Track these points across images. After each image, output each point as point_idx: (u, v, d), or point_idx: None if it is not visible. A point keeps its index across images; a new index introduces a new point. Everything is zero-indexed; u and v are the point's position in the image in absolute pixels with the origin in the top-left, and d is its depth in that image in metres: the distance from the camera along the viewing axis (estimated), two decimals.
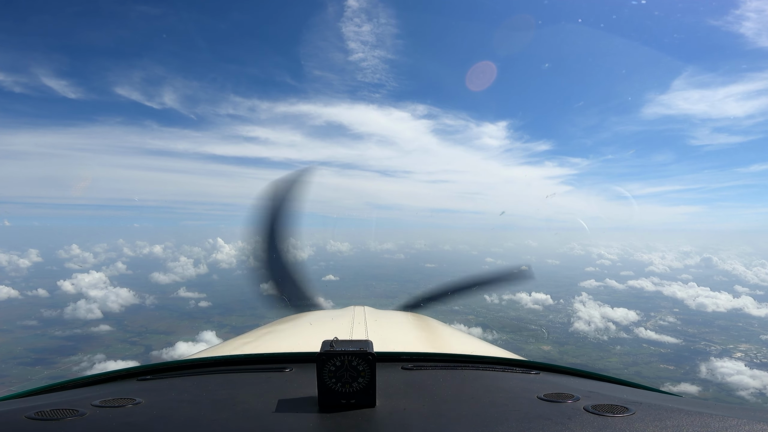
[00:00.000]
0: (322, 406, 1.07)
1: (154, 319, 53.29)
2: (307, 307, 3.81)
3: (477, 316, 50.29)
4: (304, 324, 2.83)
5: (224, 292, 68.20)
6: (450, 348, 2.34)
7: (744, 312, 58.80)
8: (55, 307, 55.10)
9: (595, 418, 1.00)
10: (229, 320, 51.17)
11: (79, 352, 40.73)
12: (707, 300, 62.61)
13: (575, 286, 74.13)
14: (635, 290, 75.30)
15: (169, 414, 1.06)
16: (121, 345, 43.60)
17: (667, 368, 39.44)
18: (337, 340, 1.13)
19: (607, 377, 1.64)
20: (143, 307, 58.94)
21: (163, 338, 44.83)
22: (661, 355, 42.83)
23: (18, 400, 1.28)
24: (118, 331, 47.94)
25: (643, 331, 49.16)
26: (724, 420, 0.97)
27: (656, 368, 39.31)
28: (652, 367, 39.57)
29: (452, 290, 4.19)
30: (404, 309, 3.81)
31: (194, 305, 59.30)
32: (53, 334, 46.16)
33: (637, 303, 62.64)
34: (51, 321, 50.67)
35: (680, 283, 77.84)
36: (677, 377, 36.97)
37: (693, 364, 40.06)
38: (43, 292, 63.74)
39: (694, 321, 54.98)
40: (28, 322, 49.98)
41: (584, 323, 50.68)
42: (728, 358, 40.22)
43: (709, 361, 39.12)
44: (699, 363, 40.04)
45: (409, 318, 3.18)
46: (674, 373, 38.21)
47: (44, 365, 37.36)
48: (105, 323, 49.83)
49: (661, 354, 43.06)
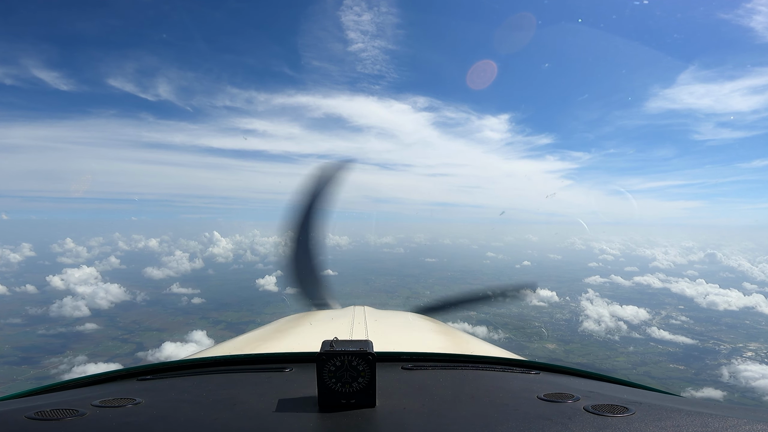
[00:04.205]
0: (322, 406, 1.10)
1: (145, 315, 53.15)
2: (321, 307, 3.86)
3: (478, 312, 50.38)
4: (304, 324, 2.86)
5: (220, 287, 68.31)
6: (450, 348, 2.37)
7: (756, 310, 58.81)
8: (42, 303, 54.98)
9: (595, 418, 1.02)
10: (225, 316, 51.13)
11: (68, 350, 40.64)
12: (717, 298, 62.69)
13: (580, 283, 74.19)
14: (642, 287, 75.38)
15: (169, 414, 1.09)
16: (111, 343, 43.50)
17: (677, 368, 39.21)
18: (337, 340, 1.16)
19: (607, 377, 1.67)
20: (134, 303, 58.82)
21: (155, 335, 44.70)
22: (670, 354, 42.73)
23: (18, 400, 1.31)
24: (107, 329, 47.71)
25: (656, 330, 48.78)
26: (724, 420, 0.99)
27: (665, 368, 39.07)
28: (661, 367, 39.35)
29: (461, 301, 4.25)
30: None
31: (187, 301, 59.27)
32: (39, 332, 46.01)
33: (646, 300, 62.68)
34: (36, 319, 50.45)
35: (687, 279, 78.08)
36: (688, 377, 36.72)
37: (703, 363, 39.88)
38: (32, 288, 63.66)
39: (706, 319, 54.90)
40: (13, 320, 49.87)
41: (593, 322, 50.51)
42: (750, 361, 39.63)
43: (731, 364, 38.44)
44: (710, 363, 39.84)
45: (409, 318, 3.24)
46: (684, 373, 37.93)
47: (30, 364, 37.39)
48: (92, 321, 49.58)
49: (669, 353, 42.92)
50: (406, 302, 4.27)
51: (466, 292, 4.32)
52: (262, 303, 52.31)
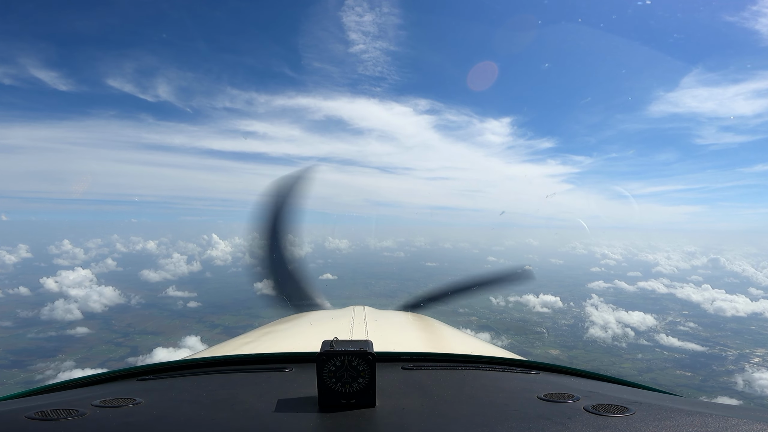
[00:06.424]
0: (322, 406, 1.11)
1: (140, 319, 52.93)
2: (308, 307, 3.88)
3: (480, 317, 50.28)
4: (304, 324, 2.89)
5: (218, 290, 68.12)
6: (450, 348, 2.39)
7: (764, 316, 58.62)
8: (35, 306, 54.77)
9: (595, 418, 1.04)
10: (223, 320, 50.98)
11: (60, 354, 40.49)
12: (725, 304, 62.52)
13: (583, 287, 74.10)
14: (646, 292, 75.22)
15: (169, 414, 1.10)
16: (104, 346, 43.32)
17: (684, 375, 39.06)
18: (337, 340, 1.17)
19: (607, 377, 1.69)
20: (129, 306, 58.59)
21: (150, 339, 44.57)
22: (676, 360, 42.58)
23: (18, 400, 1.32)
24: (101, 332, 47.52)
25: (664, 337, 48.49)
26: (724, 420, 1.00)
27: (672, 375, 38.94)
28: (667, 373, 39.21)
29: (454, 290, 4.25)
30: (405, 309, 3.88)
31: (183, 305, 59.06)
32: (29, 336, 45.86)
33: (651, 306, 62.45)
34: (27, 322, 50.25)
35: (692, 285, 77.96)
36: (696, 384, 36.57)
37: (710, 370, 39.74)
38: (25, 291, 63.46)
39: (712, 325, 54.71)
40: (4, 323, 49.70)
41: (600, 329, 50.18)
42: (765, 369, 39.37)
43: (745, 371, 38.30)
44: (717, 369, 39.67)
45: (409, 318, 3.25)
46: (692, 380, 37.79)
47: (20, 368, 37.31)
48: (85, 324, 49.41)
49: (675, 359, 42.78)
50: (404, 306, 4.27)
51: (458, 281, 4.31)
52: (260, 307, 51.99)
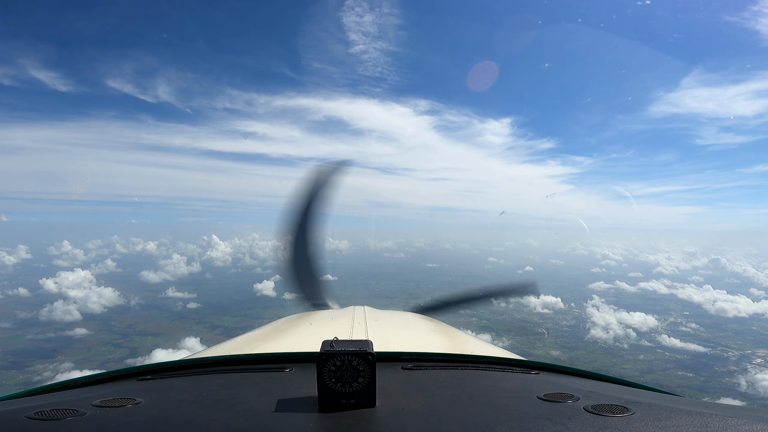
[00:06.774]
0: (322, 406, 1.12)
1: (140, 320, 53.01)
2: (320, 307, 3.90)
3: (480, 318, 50.29)
4: (304, 324, 2.89)
5: (217, 291, 68.23)
6: (450, 348, 2.39)
7: (766, 317, 58.61)
8: (34, 307, 54.80)
9: (595, 418, 1.04)
10: (222, 321, 51.07)
11: (59, 355, 40.53)
12: (726, 304, 62.56)
13: (584, 288, 74.16)
14: (647, 293, 75.28)
15: (169, 414, 1.11)
16: (103, 347, 43.39)
17: (686, 375, 39.08)
18: (337, 340, 1.18)
19: (607, 377, 1.70)
20: (128, 307, 58.64)
21: (150, 340, 44.62)
22: (678, 361, 42.58)
23: (18, 400, 1.33)
24: (100, 333, 47.58)
25: (666, 338, 48.45)
26: (724, 420, 1.00)
27: (674, 376, 38.96)
28: (669, 374, 39.23)
29: (460, 301, 4.30)
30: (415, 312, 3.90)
31: (182, 306, 59.08)
32: (28, 337, 45.90)
33: (652, 306, 62.50)
34: (26, 323, 50.26)
35: (693, 285, 78.05)
36: (697, 385, 36.57)
37: (712, 371, 39.74)
38: (24, 292, 63.51)
39: (713, 326, 54.73)
40: (3, 324, 49.71)
41: (601, 329, 50.14)
42: (750, 363, 39.77)
43: (748, 373, 38.36)
44: (719, 370, 39.69)
45: (409, 318, 3.27)
46: (694, 381, 37.81)
47: (19, 369, 37.36)
48: (84, 325, 49.44)
49: (677, 360, 42.79)
50: (407, 306, 4.31)
51: (465, 291, 4.37)
52: (259, 308, 52.30)
